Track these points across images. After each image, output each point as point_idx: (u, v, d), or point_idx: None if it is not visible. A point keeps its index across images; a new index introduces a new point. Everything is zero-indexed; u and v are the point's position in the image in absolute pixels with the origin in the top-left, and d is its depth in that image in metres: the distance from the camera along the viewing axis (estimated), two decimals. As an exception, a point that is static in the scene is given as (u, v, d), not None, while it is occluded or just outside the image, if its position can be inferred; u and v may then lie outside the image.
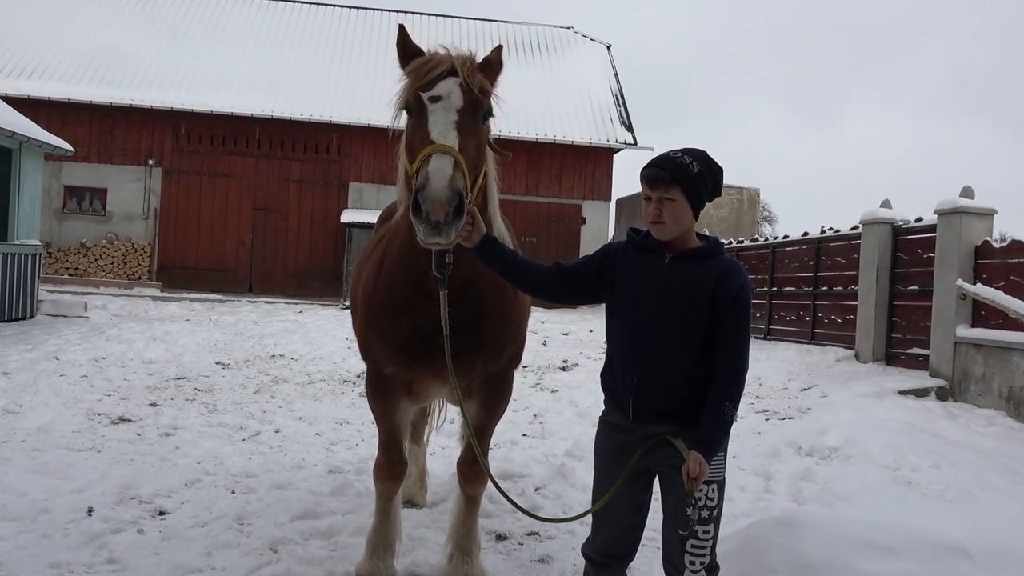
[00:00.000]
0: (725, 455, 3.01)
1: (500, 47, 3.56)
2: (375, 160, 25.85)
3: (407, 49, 3.38)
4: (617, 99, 28.88)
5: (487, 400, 3.96)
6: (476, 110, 3.23)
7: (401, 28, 3.44)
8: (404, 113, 3.30)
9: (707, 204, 3.11)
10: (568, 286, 3.16)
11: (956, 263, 10.29)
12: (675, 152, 3.02)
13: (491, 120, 3.39)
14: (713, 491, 2.92)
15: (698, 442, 2.83)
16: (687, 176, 2.93)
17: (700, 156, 3.02)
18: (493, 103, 3.37)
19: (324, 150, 26.38)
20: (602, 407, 3.21)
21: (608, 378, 3.13)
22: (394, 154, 3.48)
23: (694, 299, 2.92)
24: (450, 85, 3.19)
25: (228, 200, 26.06)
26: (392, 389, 3.87)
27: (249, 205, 26.18)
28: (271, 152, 26.19)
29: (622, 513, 3.06)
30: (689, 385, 2.92)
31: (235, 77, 26.42)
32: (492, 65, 3.46)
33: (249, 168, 26.16)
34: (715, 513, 2.93)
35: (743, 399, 10.20)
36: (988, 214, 10.45)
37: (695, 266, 2.97)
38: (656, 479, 3.09)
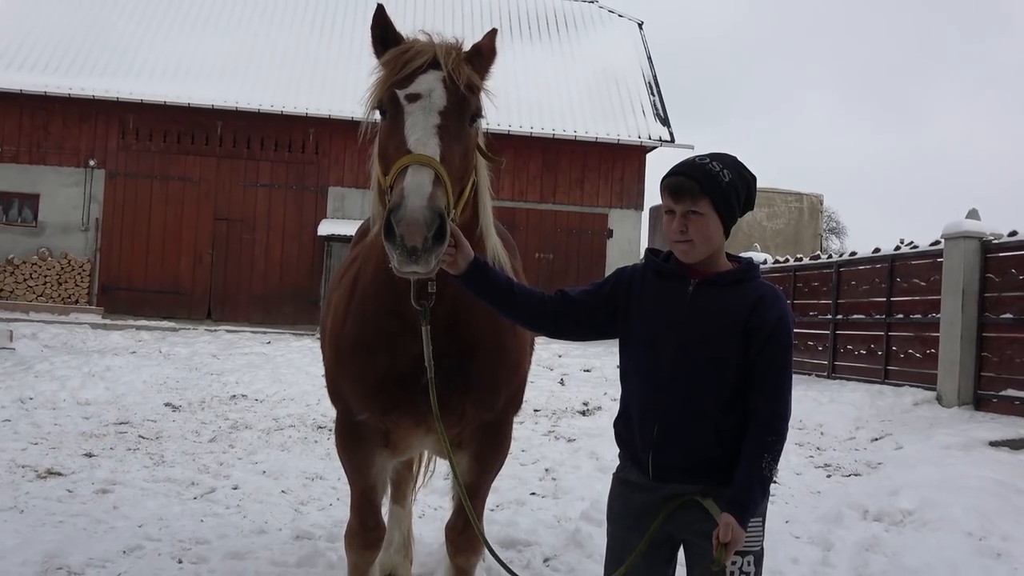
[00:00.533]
0: (764, 520, 3.00)
1: (494, 31, 3.53)
2: (359, 161, 25.96)
3: (386, 35, 3.39)
4: (651, 87, 29.01)
5: (481, 452, 3.96)
6: (462, 111, 3.20)
7: (379, 9, 3.46)
8: (377, 113, 3.31)
9: (741, 217, 3.13)
10: (575, 318, 3.17)
11: (1058, 286, 10.28)
12: (702, 158, 3.04)
13: (481, 121, 3.37)
14: (749, 563, 2.92)
15: (731, 503, 2.83)
16: (718, 186, 2.94)
17: (731, 163, 3.03)
18: (484, 100, 3.36)
19: (299, 148, 26.56)
20: (618, 462, 3.22)
21: (623, 429, 3.15)
22: None
23: (724, 333, 2.93)
24: (431, 81, 3.17)
25: (184, 208, 26.20)
26: (366, 439, 3.87)
27: (209, 214, 26.33)
28: (235, 151, 26.37)
29: None
30: (719, 436, 2.93)
31: (193, 62, 26.61)
32: (483, 54, 3.43)
33: (209, 170, 26.32)
34: None
35: (800, 452, 10.20)
36: (1097, 227, 10.45)
37: (725, 293, 2.99)
38: (681, 548, 3.11)
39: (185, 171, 26.25)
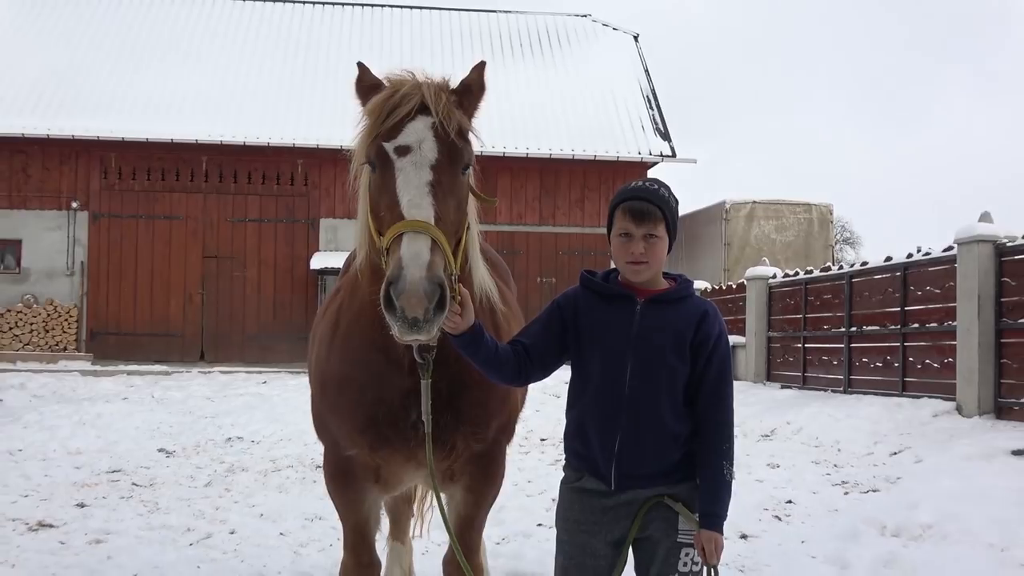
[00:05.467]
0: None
1: (483, 64, 3.51)
2: (350, 192, 26.06)
3: (364, 84, 3.41)
4: (649, 101, 29.14)
5: (473, 483, 4.00)
6: (455, 161, 3.20)
7: (360, 66, 3.48)
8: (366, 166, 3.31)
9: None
10: (540, 365, 3.32)
11: (1075, 287, 10.34)
12: (651, 183, 3.29)
13: (472, 165, 3.36)
14: (696, 557, 3.16)
15: (707, 517, 3.11)
16: (671, 210, 3.23)
17: (669, 188, 3.30)
18: (474, 141, 3.35)
19: (287, 180, 26.68)
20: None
21: (578, 444, 3.34)
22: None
23: (674, 347, 3.18)
24: (421, 130, 3.16)
25: (171, 247, 26.27)
26: (356, 475, 3.90)
27: (197, 252, 26.42)
28: (222, 186, 26.49)
29: None
30: (676, 443, 3.19)
31: (175, 98, 26.70)
32: (472, 91, 3.43)
33: (196, 207, 26.43)
34: None
35: (816, 470, 10.24)
36: (1112, 224, 10.50)
37: (670, 310, 3.23)
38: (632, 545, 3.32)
39: (171, 209, 26.34)
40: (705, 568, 3.12)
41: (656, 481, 3.17)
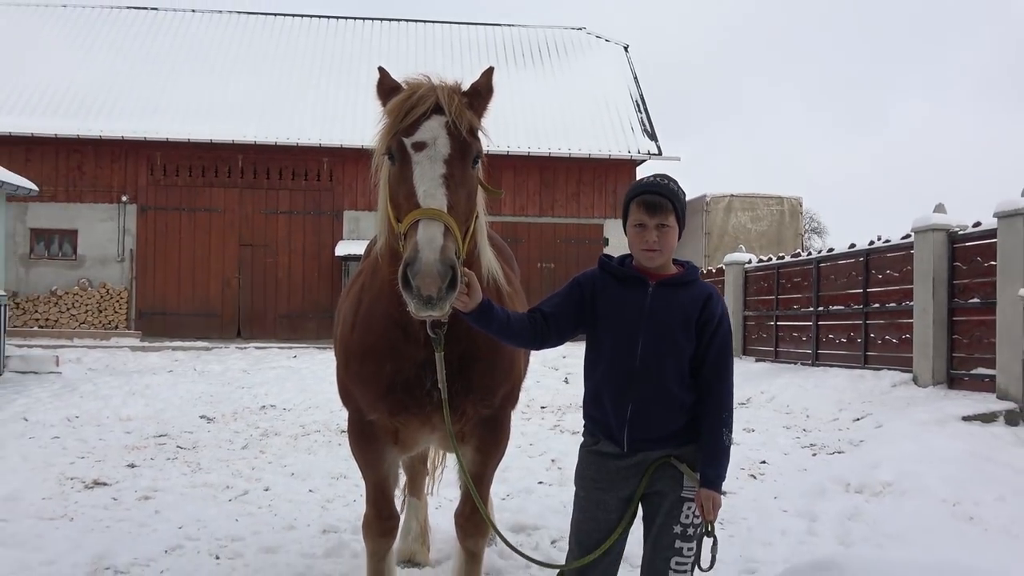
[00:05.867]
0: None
1: (491, 70, 3.50)
2: (371, 185, 26.06)
3: (385, 87, 3.40)
4: (638, 105, 29.07)
5: (482, 445, 4.01)
6: (465, 156, 3.21)
7: (380, 71, 3.48)
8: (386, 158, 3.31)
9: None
10: (556, 332, 3.32)
11: (1021, 271, 10.29)
12: (662, 178, 3.30)
13: (481, 160, 3.36)
14: (697, 511, 3.18)
15: (707, 478, 3.13)
16: (680, 202, 3.24)
17: (677, 182, 3.30)
18: (482, 138, 3.35)
19: (314, 176, 26.67)
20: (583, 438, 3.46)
21: (594, 411, 3.34)
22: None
23: (682, 326, 3.20)
24: (435, 128, 3.18)
25: (211, 236, 26.31)
26: (377, 437, 3.93)
27: (234, 241, 26.44)
28: (256, 182, 26.48)
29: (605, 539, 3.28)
30: (681, 410, 3.21)
31: (213, 101, 26.74)
32: (481, 93, 3.41)
33: (233, 200, 26.45)
34: (699, 531, 3.19)
35: (787, 434, 10.21)
36: (1054, 214, 10.45)
37: (679, 293, 3.24)
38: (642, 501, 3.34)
39: (210, 202, 26.38)
40: (704, 523, 3.15)
41: (664, 444, 3.20)
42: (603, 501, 3.26)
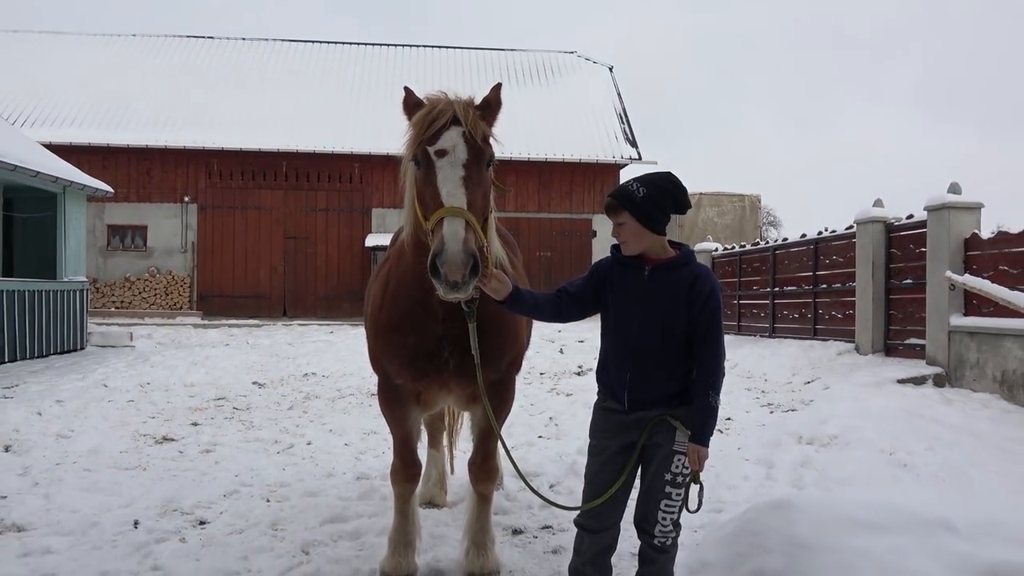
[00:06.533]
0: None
1: (499, 85, 3.48)
2: (396, 186, 25.89)
3: (409, 103, 3.40)
4: (621, 117, 28.96)
5: (491, 404, 4.00)
6: (480, 160, 3.21)
7: (406, 89, 3.48)
8: (412, 163, 3.31)
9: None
10: (579, 308, 3.37)
11: (947, 256, 10.25)
12: (629, 181, 3.24)
13: (493, 163, 3.35)
14: (686, 463, 3.17)
15: (694, 434, 3.11)
16: (632, 201, 3.16)
17: (649, 180, 3.21)
18: (494, 144, 3.34)
19: (347, 179, 26.63)
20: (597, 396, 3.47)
21: (604, 375, 3.36)
22: None
23: (673, 304, 3.14)
24: (454, 137, 3.18)
25: (260, 231, 26.33)
26: (402, 398, 3.94)
27: (280, 235, 26.44)
28: (298, 184, 26.46)
29: (613, 481, 3.27)
30: (673, 377, 3.17)
31: (261, 115, 26.72)
32: (491, 106, 3.40)
33: (278, 200, 26.44)
34: (686, 479, 3.18)
35: (748, 395, 10.19)
36: (975, 208, 10.39)
37: (671, 274, 3.18)
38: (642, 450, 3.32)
39: (259, 202, 26.37)
40: (692, 474, 3.14)
41: (659, 405, 3.17)
42: (608, 447, 3.27)
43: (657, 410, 3.19)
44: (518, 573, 4.22)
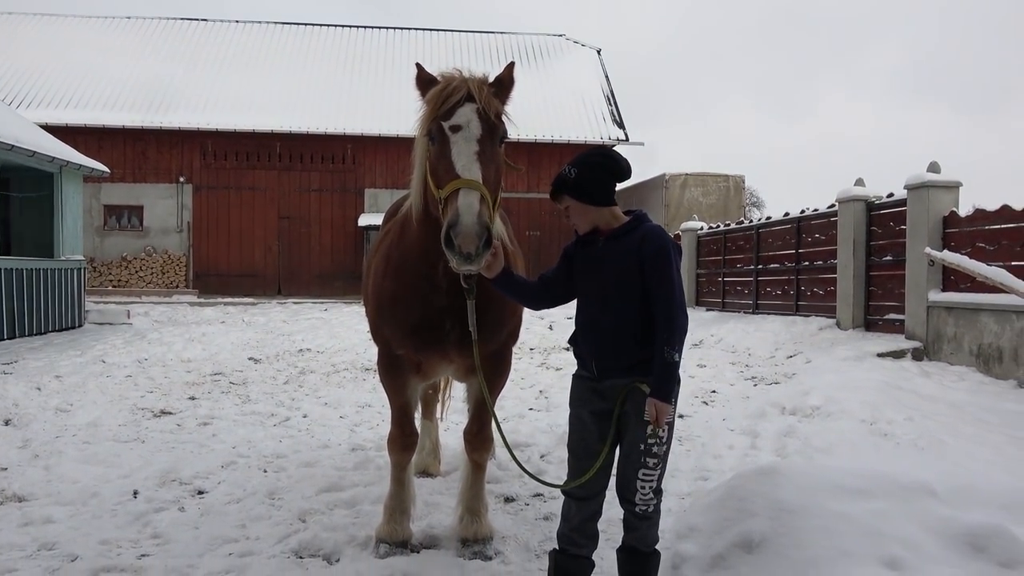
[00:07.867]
0: (676, 403, 3.14)
1: (512, 64, 3.43)
2: (387, 167, 25.91)
3: (423, 79, 3.35)
4: (608, 99, 28.85)
5: (488, 374, 3.97)
6: (493, 136, 3.20)
7: (417, 66, 3.42)
8: (428, 139, 3.27)
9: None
10: (559, 292, 3.34)
11: (925, 233, 10.27)
12: (564, 167, 3.24)
13: (505, 139, 3.33)
14: (663, 430, 3.11)
15: (653, 390, 3.02)
16: (566, 184, 3.17)
17: (579, 159, 3.22)
18: (506, 122, 3.31)
19: (340, 160, 26.47)
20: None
21: (576, 347, 3.33)
22: (405, 161, 3.47)
23: (626, 268, 3.09)
24: (468, 113, 3.15)
25: (254, 211, 26.20)
26: (402, 368, 3.92)
27: (274, 214, 26.31)
28: (291, 164, 26.30)
29: (595, 451, 3.23)
30: (638, 342, 3.09)
31: (254, 97, 26.52)
32: (504, 84, 3.37)
33: (272, 180, 26.29)
34: (665, 449, 3.13)
35: (733, 368, 10.21)
36: (954, 187, 10.40)
37: (623, 240, 3.14)
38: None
39: (254, 182, 26.22)
40: (657, 431, 3.07)
41: (628, 372, 3.11)
42: (582, 415, 3.25)
43: (628, 378, 3.14)
44: (510, 539, 4.22)
